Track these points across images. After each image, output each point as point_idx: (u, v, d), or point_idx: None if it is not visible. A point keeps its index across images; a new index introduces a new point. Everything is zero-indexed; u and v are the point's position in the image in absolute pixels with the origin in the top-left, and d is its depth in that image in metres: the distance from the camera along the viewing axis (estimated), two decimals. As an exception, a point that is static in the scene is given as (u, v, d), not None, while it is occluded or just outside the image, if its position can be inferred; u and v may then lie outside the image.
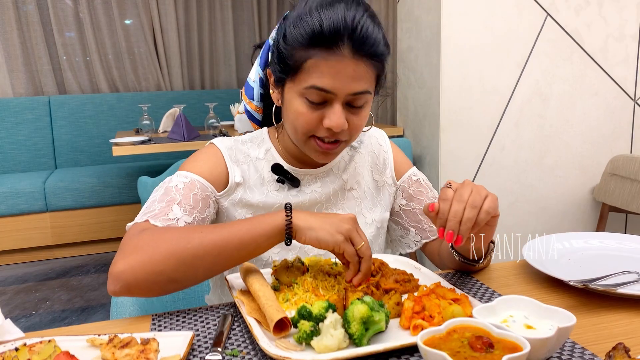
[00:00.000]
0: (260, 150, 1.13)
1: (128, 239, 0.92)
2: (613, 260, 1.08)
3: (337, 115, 0.97)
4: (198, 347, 0.80)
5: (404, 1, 2.79)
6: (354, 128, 1.02)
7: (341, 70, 0.95)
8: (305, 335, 0.76)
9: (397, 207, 1.23)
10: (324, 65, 0.95)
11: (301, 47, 0.96)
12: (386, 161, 1.22)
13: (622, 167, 2.42)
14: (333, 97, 0.97)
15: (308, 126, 1.00)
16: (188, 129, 3.24)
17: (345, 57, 0.94)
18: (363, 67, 0.96)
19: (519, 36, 2.54)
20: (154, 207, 0.99)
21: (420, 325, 0.79)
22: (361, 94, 0.98)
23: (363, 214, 1.18)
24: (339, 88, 0.96)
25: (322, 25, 0.94)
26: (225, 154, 1.10)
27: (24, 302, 3.19)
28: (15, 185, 3.82)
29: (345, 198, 1.17)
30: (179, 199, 1.00)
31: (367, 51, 0.96)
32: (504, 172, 2.65)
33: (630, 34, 2.66)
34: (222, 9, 4.99)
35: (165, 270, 0.88)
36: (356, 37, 0.94)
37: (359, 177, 1.19)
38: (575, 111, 2.68)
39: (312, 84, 0.96)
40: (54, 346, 0.75)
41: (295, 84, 0.99)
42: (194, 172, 1.05)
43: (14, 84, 4.42)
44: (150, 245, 0.89)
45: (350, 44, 0.94)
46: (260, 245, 0.92)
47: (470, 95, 2.53)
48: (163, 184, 1.04)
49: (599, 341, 0.79)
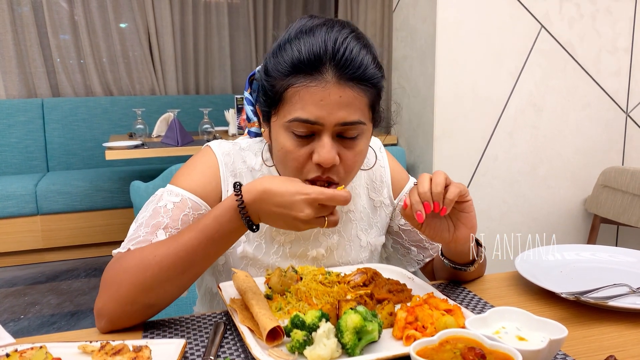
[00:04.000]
0: (257, 160, 1.08)
1: (105, 272, 0.92)
2: (605, 273, 1.08)
3: (326, 149, 0.89)
4: (190, 355, 0.79)
5: (400, 10, 2.81)
6: (347, 165, 0.93)
7: (325, 98, 0.87)
8: (298, 344, 0.76)
9: (395, 227, 1.19)
10: (306, 94, 0.88)
11: (282, 76, 0.91)
12: (383, 179, 1.17)
13: (613, 179, 2.44)
14: (320, 129, 0.90)
15: (297, 164, 0.92)
16: (182, 133, 3.23)
17: (328, 82, 0.87)
18: (350, 93, 0.89)
19: (513, 47, 2.56)
20: (139, 234, 0.95)
21: (413, 335, 0.79)
22: (352, 125, 0.90)
23: (358, 237, 1.14)
24: (324, 117, 0.88)
25: (301, 51, 0.88)
26: (221, 162, 1.05)
27: (13, 305, 3.16)
28: (7, 188, 3.79)
29: (342, 221, 1.11)
30: (165, 222, 0.96)
31: (353, 75, 0.88)
32: (497, 182, 2.66)
33: (623, 47, 2.69)
34: (218, 14, 5.00)
35: (136, 298, 0.88)
36: (339, 60, 0.87)
37: (356, 197, 1.13)
38: (568, 122, 2.70)
39: (296, 116, 0.89)
40: (45, 352, 0.74)
41: (279, 117, 0.93)
42: (186, 189, 1.00)
43: (7, 86, 4.40)
44: (118, 277, 0.89)
45: (334, 68, 0.87)
46: (217, 241, 0.87)
47: (464, 104, 2.55)
48: (152, 202, 1.00)
49: (590, 353, 0.79)
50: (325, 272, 1.01)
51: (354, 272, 1.03)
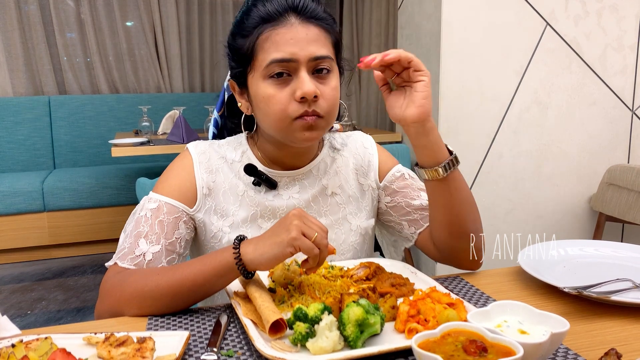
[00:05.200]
0: (236, 152, 1.12)
1: (103, 283, 0.99)
2: (608, 268, 1.08)
3: (306, 82, 0.96)
4: (194, 347, 0.80)
5: (405, 8, 2.81)
6: (327, 99, 1.00)
7: (294, 36, 0.97)
8: (300, 336, 0.76)
9: (383, 206, 1.20)
10: (276, 36, 0.97)
11: (251, 31, 0.99)
12: (371, 163, 1.20)
13: (619, 176, 2.43)
14: (296, 66, 0.97)
15: (281, 106, 0.98)
16: (187, 131, 3.25)
17: (293, 24, 0.98)
18: (315, 30, 0.99)
19: (519, 45, 2.55)
20: (124, 245, 1.02)
21: (415, 328, 0.79)
22: (323, 58, 0.99)
23: (348, 220, 1.16)
24: (297, 53, 0.96)
25: (265, 6, 0.98)
26: (196, 162, 1.10)
27: (20, 301, 3.19)
28: (14, 185, 3.81)
29: (327, 204, 1.14)
30: (145, 230, 1.02)
31: (312, 14, 0.99)
32: (502, 180, 2.65)
33: (629, 45, 2.68)
34: (223, 12, 5.01)
35: (129, 313, 0.94)
36: (298, 6, 0.98)
37: (342, 182, 1.16)
38: (574, 120, 2.69)
39: (272, 58, 0.97)
40: (51, 343, 0.75)
41: (255, 70, 1.00)
42: (163, 194, 1.06)
43: (15, 84, 4.43)
44: (116, 290, 0.95)
45: (295, 12, 0.98)
46: (215, 284, 0.92)
47: (469, 103, 2.55)
48: (136, 211, 1.06)
49: (592, 347, 0.79)
50: (329, 266, 1.02)
51: (357, 266, 1.04)
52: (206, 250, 1.11)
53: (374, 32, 4.64)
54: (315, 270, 0.90)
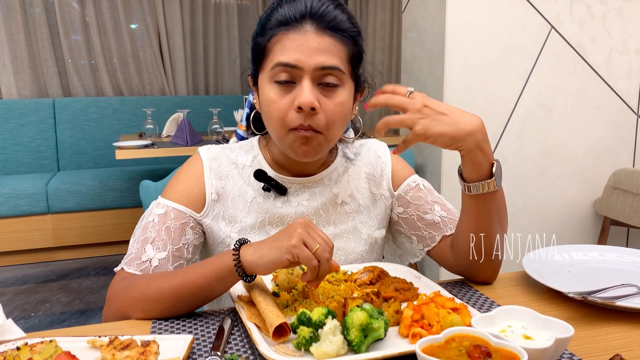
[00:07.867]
0: (247, 157, 1.12)
1: (110, 288, 1.00)
2: (612, 273, 1.08)
3: (305, 92, 0.94)
4: (197, 351, 0.80)
5: (409, 11, 2.81)
6: (328, 114, 0.97)
7: (304, 44, 0.95)
8: (304, 341, 0.76)
9: (395, 216, 1.19)
10: (286, 40, 0.95)
11: (266, 32, 0.99)
12: (384, 172, 1.18)
13: (624, 180, 2.42)
14: (300, 74, 0.95)
15: (280, 113, 0.96)
16: (191, 133, 3.25)
17: (307, 31, 0.95)
18: (328, 41, 0.96)
19: (523, 48, 2.55)
20: (132, 250, 1.03)
21: (419, 333, 0.79)
22: (330, 70, 0.95)
23: (358, 229, 1.14)
24: (302, 61, 0.94)
25: (284, 10, 0.97)
26: (206, 167, 1.09)
27: (24, 303, 3.20)
28: (18, 187, 3.83)
29: (337, 213, 1.13)
30: (152, 236, 1.02)
31: (329, 24, 0.96)
32: (506, 184, 2.63)
33: (634, 48, 2.67)
34: (227, 15, 5.02)
35: (134, 316, 0.94)
36: (317, 13, 0.96)
37: (354, 190, 1.15)
38: (579, 124, 2.68)
39: (277, 61, 0.96)
40: (55, 346, 0.75)
41: (264, 70, 1.00)
42: (171, 199, 1.06)
43: (19, 86, 4.45)
44: (121, 295, 0.96)
45: (312, 20, 0.96)
46: (216, 287, 0.92)
47: (473, 106, 2.54)
48: (145, 216, 1.07)
49: (597, 353, 0.79)
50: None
51: (361, 270, 1.04)
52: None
53: (378, 35, 4.65)
54: (315, 284, 0.87)
